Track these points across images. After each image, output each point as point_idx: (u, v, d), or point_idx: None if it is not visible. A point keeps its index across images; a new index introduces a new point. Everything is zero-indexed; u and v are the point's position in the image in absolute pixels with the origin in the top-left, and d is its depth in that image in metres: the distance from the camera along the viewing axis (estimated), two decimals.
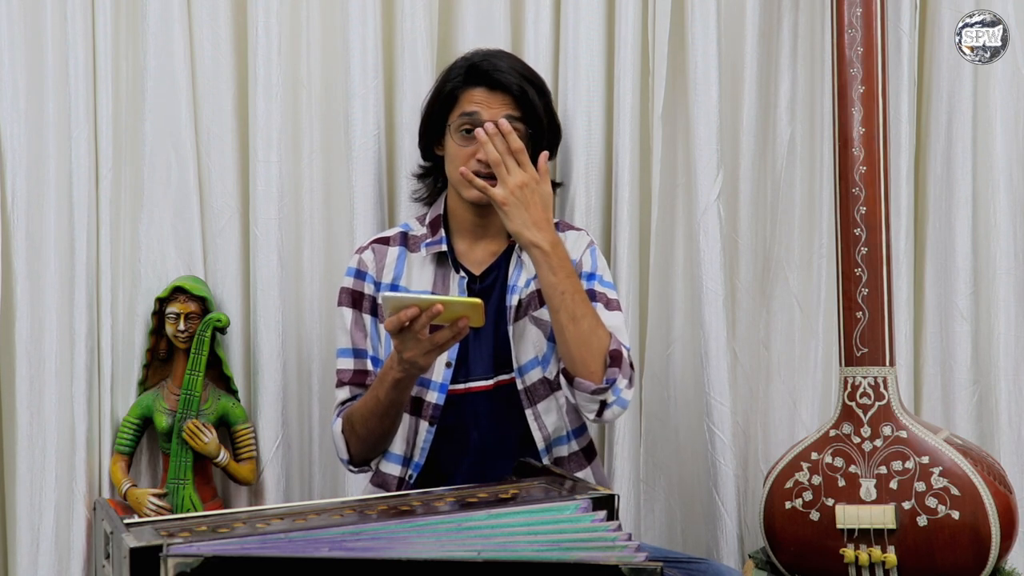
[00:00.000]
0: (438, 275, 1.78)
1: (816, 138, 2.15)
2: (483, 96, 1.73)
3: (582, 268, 1.78)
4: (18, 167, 1.86)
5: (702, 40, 2.05)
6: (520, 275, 1.77)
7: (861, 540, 1.84)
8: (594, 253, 1.81)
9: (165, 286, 1.95)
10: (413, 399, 1.74)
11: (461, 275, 1.77)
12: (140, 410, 1.96)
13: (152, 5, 1.94)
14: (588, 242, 1.82)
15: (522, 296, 1.76)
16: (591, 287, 1.76)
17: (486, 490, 1.51)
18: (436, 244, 1.79)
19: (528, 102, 1.74)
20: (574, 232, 1.84)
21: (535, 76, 1.80)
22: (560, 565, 1.25)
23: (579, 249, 1.80)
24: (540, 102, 1.76)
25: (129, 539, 1.23)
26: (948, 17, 2.10)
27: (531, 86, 1.75)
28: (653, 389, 2.15)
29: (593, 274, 1.78)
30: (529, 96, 1.74)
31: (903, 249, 2.10)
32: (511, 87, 1.73)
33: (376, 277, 1.79)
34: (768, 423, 2.19)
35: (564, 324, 1.62)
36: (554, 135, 1.84)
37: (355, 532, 1.30)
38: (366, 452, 1.74)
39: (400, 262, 1.80)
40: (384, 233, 1.85)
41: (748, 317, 2.16)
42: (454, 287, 1.76)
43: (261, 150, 1.99)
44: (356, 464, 1.77)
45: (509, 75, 1.73)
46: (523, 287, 1.76)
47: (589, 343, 1.62)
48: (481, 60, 1.76)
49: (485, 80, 1.74)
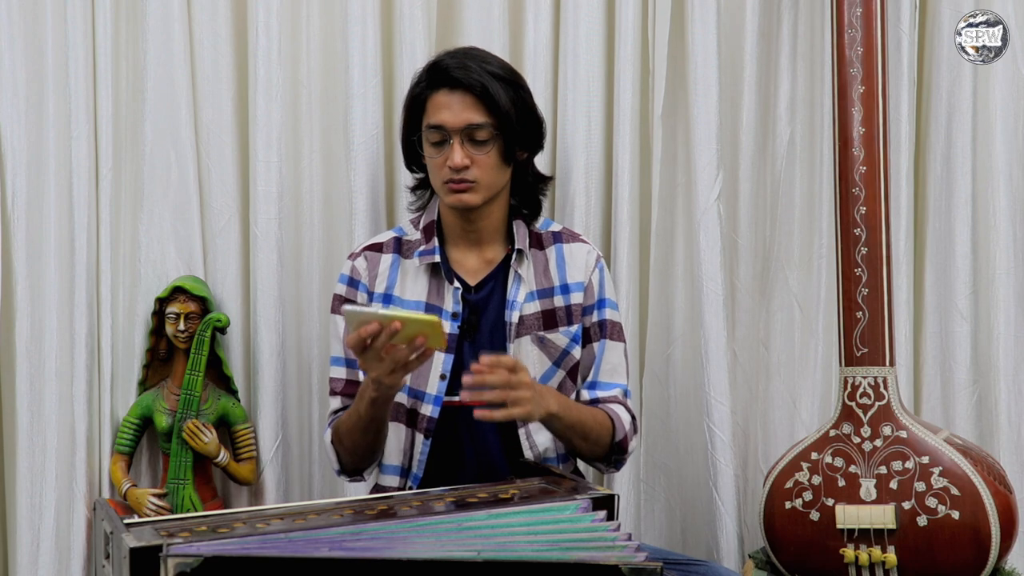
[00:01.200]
0: (432, 285, 1.75)
1: (816, 138, 2.15)
2: (445, 98, 1.68)
3: (592, 295, 1.77)
4: (18, 167, 1.87)
5: (702, 40, 2.05)
6: (519, 290, 1.74)
7: (861, 540, 1.84)
8: (603, 273, 1.79)
9: (165, 286, 1.95)
10: (408, 411, 1.74)
11: (456, 286, 1.74)
12: (140, 410, 1.96)
13: (152, 5, 1.94)
14: (596, 258, 1.80)
15: (523, 313, 1.74)
16: (602, 317, 1.78)
17: (486, 490, 1.51)
18: (429, 254, 1.76)
19: (491, 99, 1.66)
20: (582, 246, 1.80)
21: (505, 70, 1.71)
22: (560, 565, 1.25)
23: (587, 269, 1.78)
24: (508, 96, 1.68)
25: (129, 539, 1.23)
26: (948, 17, 2.10)
27: (497, 81, 1.67)
28: (653, 389, 2.15)
29: (603, 300, 1.78)
30: (491, 92, 1.66)
31: (903, 249, 2.10)
32: (472, 85, 1.66)
33: (369, 287, 1.77)
34: (768, 423, 2.19)
35: (578, 445, 1.72)
36: (530, 130, 1.74)
37: (355, 532, 1.30)
38: (356, 463, 1.74)
39: (394, 271, 1.78)
40: (377, 238, 1.82)
41: (748, 317, 2.16)
42: (448, 297, 1.74)
43: (261, 150, 1.99)
44: (348, 474, 1.77)
45: (469, 72, 1.67)
46: (523, 302, 1.74)
47: (599, 444, 1.73)
48: (442, 59, 1.71)
49: (446, 80, 1.68)
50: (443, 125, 1.68)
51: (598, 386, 1.79)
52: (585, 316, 1.78)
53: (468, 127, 1.67)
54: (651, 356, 2.15)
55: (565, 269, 1.77)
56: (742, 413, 2.14)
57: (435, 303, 1.74)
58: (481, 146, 1.68)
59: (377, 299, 1.76)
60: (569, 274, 1.77)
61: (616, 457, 1.77)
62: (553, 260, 1.78)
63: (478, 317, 1.74)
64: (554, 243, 1.79)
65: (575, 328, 1.76)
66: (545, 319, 1.75)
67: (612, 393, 1.78)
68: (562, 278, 1.77)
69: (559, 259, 1.78)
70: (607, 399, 1.77)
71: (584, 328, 1.77)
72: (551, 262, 1.78)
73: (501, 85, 1.68)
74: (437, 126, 1.68)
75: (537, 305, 1.75)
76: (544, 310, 1.75)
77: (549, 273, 1.77)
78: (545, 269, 1.77)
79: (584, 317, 1.77)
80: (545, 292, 1.76)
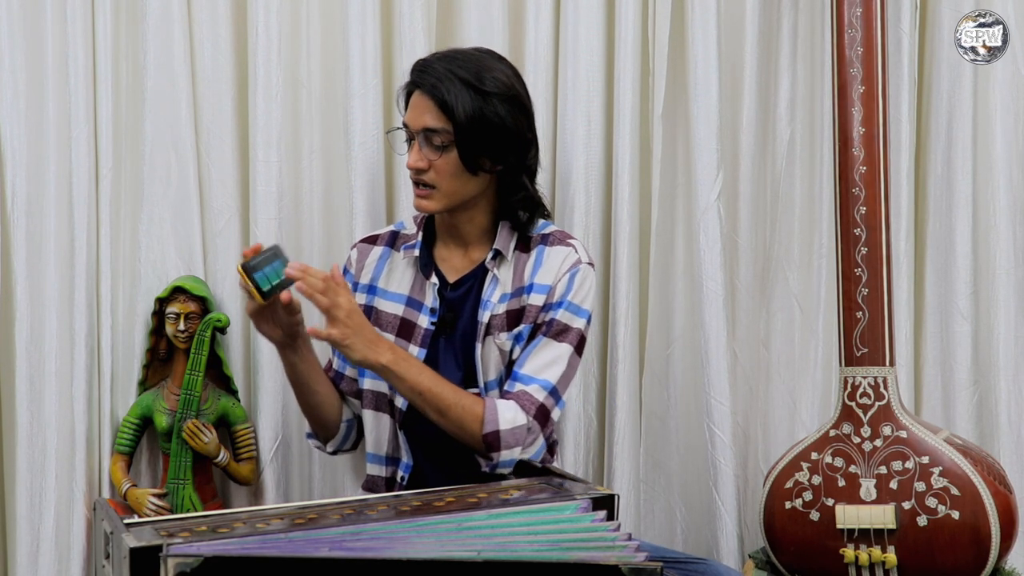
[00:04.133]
0: (417, 280, 1.77)
1: (816, 138, 2.15)
2: (415, 99, 1.70)
3: (553, 296, 1.70)
4: (18, 167, 1.86)
5: (702, 40, 2.05)
6: (494, 291, 1.73)
7: (861, 540, 1.84)
8: (574, 277, 1.70)
9: (165, 286, 1.95)
10: (388, 402, 1.76)
11: (434, 281, 1.75)
12: (140, 410, 1.96)
13: (152, 5, 1.94)
14: (574, 262, 1.72)
15: (494, 313, 1.72)
16: (553, 316, 1.69)
17: (486, 490, 1.51)
18: (411, 248, 1.78)
19: (447, 107, 1.64)
20: (563, 249, 1.73)
21: (479, 78, 1.66)
22: (560, 565, 1.25)
23: (559, 272, 1.71)
24: (472, 106, 1.64)
25: (129, 539, 1.23)
26: (948, 17, 2.10)
27: (465, 88, 1.64)
28: (653, 389, 2.15)
29: (563, 302, 1.69)
30: (446, 98, 1.63)
31: (903, 249, 2.10)
32: (433, 91, 1.65)
33: (356, 277, 1.81)
34: (768, 423, 2.19)
35: (435, 419, 1.65)
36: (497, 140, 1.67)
37: (355, 532, 1.30)
38: (315, 427, 1.83)
39: (381, 263, 1.80)
40: (376, 231, 1.86)
41: (748, 317, 2.16)
42: (429, 292, 1.75)
43: (261, 150, 1.99)
44: (322, 441, 1.84)
45: (435, 76, 1.66)
46: (496, 303, 1.72)
47: (463, 428, 1.64)
48: (426, 58, 1.73)
49: (415, 81, 1.70)
50: (407, 125, 1.71)
51: (517, 377, 1.68)
52: (540, 314, 1.70)
53: (424, 130, 1.68)
54: (651, 356, 2.15)
55: (537, 271, 1.73)
56: (742, 413, 2.14)
57: (417, 297, 1.77)
58: (439, 150, 1.67)
59: (362, 290, 1.80)
60: (539, 275, 1.72)
61: (489, 454, 1.65)
62: (531, 262, 1.74)
63: (455, 315, 1.75)
64: (539, 245, 1.75)
65: (522, 328, 1.70)
66: (509, 320, 1.72)
67: (526, 388, 1.66)
68: (531, 279, 1.73)
69: (536, 261, 1.74)
70: (513, 393, 1.67)
71: (534, 325, 1.70)
72: (528, 264, 1.74)
73: (468, 92, 1.64)
74: (403, 125, 1.72)
75: (506, 306, 1.73)
76: (510, 311, 1.72)
77: (523, 274, 1.74)
78: (522, 271, 1.74)
79: (539, 314, 1.70)
80: (516, 292, 1.73)
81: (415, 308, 1.76)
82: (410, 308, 1.76)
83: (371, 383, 1.77)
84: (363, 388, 1.79)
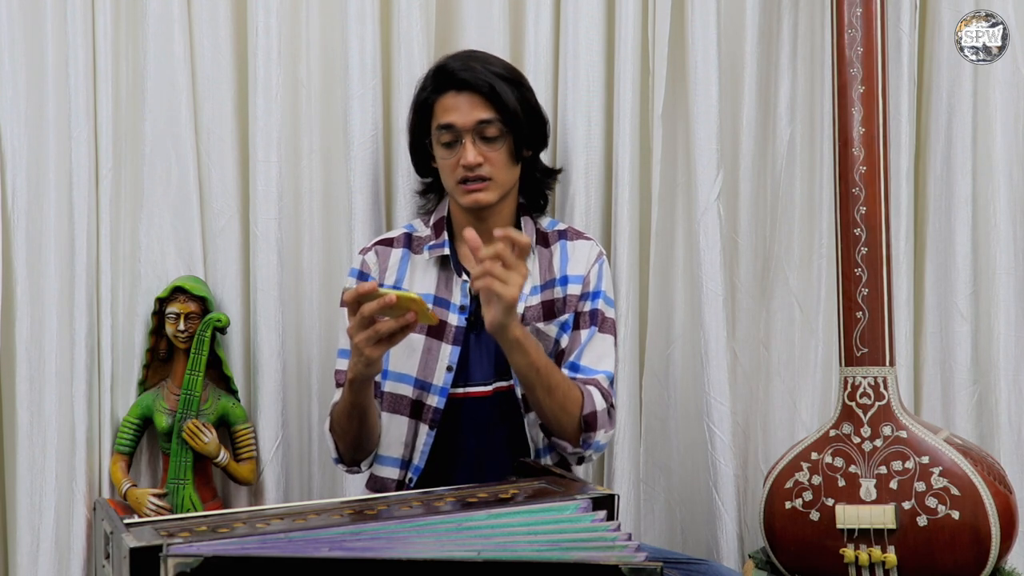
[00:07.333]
0: (441, 278, 1.79)
1: (816, 138, 2.15)
2: (453, 100, 1.72)
3: (589, 285, 1.79)
4: (18, 167, 1.87)
5: (702, 40, 2.05)
6: (526, 284, 1.75)
7: (861, 540, 1.84)
8: (602, 268, 1.81)
9: (165, 286, 1.95)
10: (414, 403, 1.75)
11: (464, 279, 1.77)
12: (140, 410, 1.96)
13: (152, 5, 1.94)
14: (598, 254, 1.82)
15: (527, 305, 1.76)
16: (595, 307, 1.78)
17: (486, 490, 1.50)
18: (439, 247, 1.79)
19: (498, 97, 1.71)
20: (585, 242, 1.83)
21: (508, 70, 1.77)
22: (560, 565, 1.25)
23: (588, 262, 1.81)
24: (514, 95, 1.73)
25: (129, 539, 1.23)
26: (948, 17, 2.10)
27: (502, 80, 1.72)
28: (653, 389, 2.15)
29: (599, 292, 1.79)
30: (499, 90, 1.71)
31: (903, 249, 2.10)
32: (479, 85, 1.71)
33: (379, 280, 1.80)
34: (768, 423, 2.18)
35: (541, 398, 1.64)
36: (536, 127, 1.80)
37: (355, 532, 1.30)
38: (351, 452, 1.74)
39: (403, 264, 1.81)
40: (388, 234, 1.86)
41: (748, 317, 2.16)
42: (456, 290, 1.77)
43: (261, 150, 1.99)
44: (347, 463, 1.77)
45: (475, 73, 1.72)
46: (528, 294, 1.77)
47: (565, 409, 1.66)
48: (447, 62, 1.75)
49: (452, 83, 1.73)
50: (454, 125, 1.71)
51: (580, 368, 1.75)
52: (579, 303, 1.79)
53: (479, 124, 1.71)
54: (651, 356, 2.15)
55: (567, 263, 1.80)
56: (742, 413, 2.14)
57: (443, 296, 1.77)
58: (492, 143, 1.72)
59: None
60: (570, 267, 1.80)
61: (584, 436, 1.69)
62: (557, 255, 1.81)
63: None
64: (559, 240, 1.83)
65: (567, 316, 1.78)
66: (545, 311, 1.77)
67: (593, 377, 1.75)
68: (563, 271, 1.80)
69: (563, 255, 1.81)
70: (586, 380, 1.74)
71: (576, 314, 1.78)
72: (555, 257, 1.81)
73: (506, 84, 1.73)
74: (448, 126, 1.72)
75: (539, 297, 1.77)
76: (544, 301, 1.77)
77: (553, 267, 1.80)
78: (550, 264, 1.80)
79: (579, 303, 1.79)
80: (547, 285, 1.79)
81: (443, 307, 1.77)
82: (438, 307, 1.77)
83: (392, 385, 1.77)
84: (383, 391, 1.78)
